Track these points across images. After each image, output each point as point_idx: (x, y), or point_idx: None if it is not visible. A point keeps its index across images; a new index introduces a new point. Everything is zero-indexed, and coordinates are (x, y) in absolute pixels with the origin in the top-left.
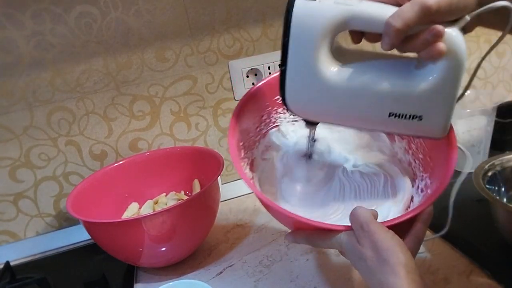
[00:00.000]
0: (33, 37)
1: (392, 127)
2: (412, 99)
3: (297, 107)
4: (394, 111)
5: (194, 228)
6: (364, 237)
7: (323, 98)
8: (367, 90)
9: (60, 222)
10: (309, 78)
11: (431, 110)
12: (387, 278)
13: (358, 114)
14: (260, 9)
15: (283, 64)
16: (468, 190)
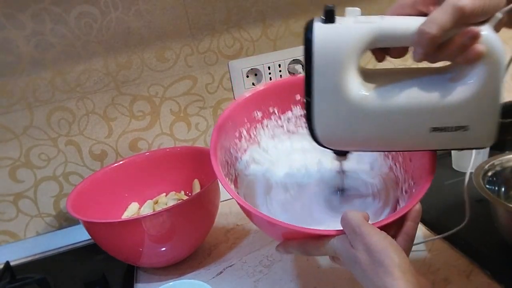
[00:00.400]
0: (33, 37)
1: (435, 143)
2: (453, 110)
3: (329, 139)
4: (436, 126)
5: (194, 228)
6: (357, 240)
7: (357, 125)
8: (405, 109)
9: (60, 222)
10: (339, 106)
11: (476, 119)
12: (382, 280)
13: (398, 135)
14: (260, 9)
15: (308, 95)
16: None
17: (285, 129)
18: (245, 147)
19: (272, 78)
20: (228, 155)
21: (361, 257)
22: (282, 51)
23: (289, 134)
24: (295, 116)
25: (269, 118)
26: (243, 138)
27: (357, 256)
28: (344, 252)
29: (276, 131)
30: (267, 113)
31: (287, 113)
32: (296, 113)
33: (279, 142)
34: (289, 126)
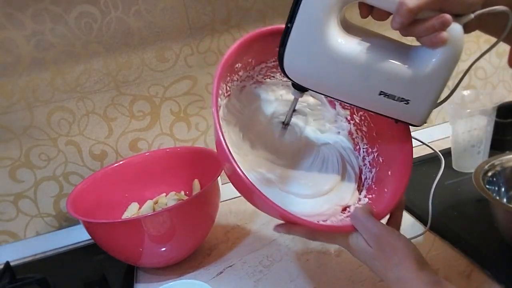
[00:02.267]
0: (33, 37)
1: (378, 107)
2: (404, 82)
3: (293, 68)
4: (385, 91)
5: (194, 228)
6: (373, 240)
7: (322, 64)
8: (366, 64)
9: (60, 222)
10: (313, 41)
11: (419, 96)
12: (403, 274)
13: (352, 87)
14: (260, 9)
15: (290, 21)
16: (468, 190)
17: (254, 79)
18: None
19: None
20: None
21: (379, 256)
22: None
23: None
24: (268, 67)
25: (245, 69)
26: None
27: (375, 254)
28: (360, 249)
29: (246, 82)
30: (245, 63)
31: (261, 64)
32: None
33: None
34: (258, 76)
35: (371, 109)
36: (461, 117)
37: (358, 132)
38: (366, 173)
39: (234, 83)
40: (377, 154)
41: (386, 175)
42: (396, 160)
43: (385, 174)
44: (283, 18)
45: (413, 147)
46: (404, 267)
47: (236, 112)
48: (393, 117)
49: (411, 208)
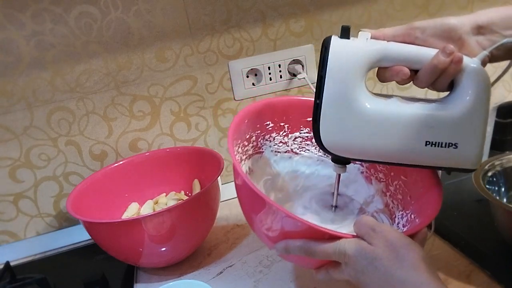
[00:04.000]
0: (33, 37)
1: (428, 158)
2: (447, 125)
3: (331, 142)
4: (430, 139)
5: (194, 228)
6: (377, 238)
7: (360, 131)
8: (404, 120)
9: (60, 222)
10: (345, 112)
11: (465, 137)
12: (408, 273)
13: (396, 146)
14: (260, 9)
15: (318, 97)
16: (468, 190)
17: (289, 148)
18: (250, 153)
19: (272, 78)
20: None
21: (382, 254)
22: (282, 51)
23: (291, 154)
24: (302, 138)
25: (277, 132)
26: (251, 143)
27: (377, 252)
28: (358, 252)
29: (281, 147)
30: (278, 127)
31: (295, 133)
32: (303, 135)
33: (281, 159)
34: (293, 146)
35: (422, 163)
36: None
37: (394, 202)
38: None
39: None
40: (411, 214)
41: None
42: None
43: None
44: (283, 18)
45: None
46: (413, 268)
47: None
48: (447, 167)
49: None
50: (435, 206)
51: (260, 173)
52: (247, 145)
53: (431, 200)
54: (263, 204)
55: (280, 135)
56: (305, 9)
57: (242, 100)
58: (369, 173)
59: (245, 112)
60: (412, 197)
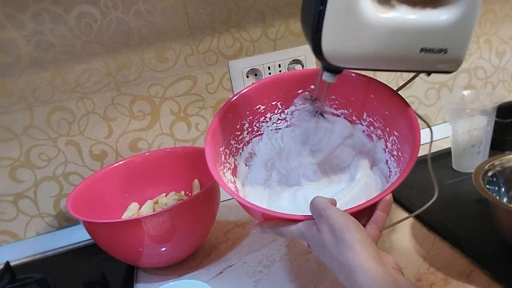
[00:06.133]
0: (33, 37)
1: (418, 64)
2: (441, 32)
3: (333, 51)
4: (426, 46)
5: (194, 228)
6: (322, 223)
7: (362, 39)
8: (406, 28)
9: (60, 222)
10: (350, 18)
11: (455, 42)
12: (345, 256)
13: (393, 52)
14: (260, 9)
15: (321, 3)
16: (468, 190)
17: (289, 122)
18: (247, 139)
19: None
20: (227, 145)
21: (326, 239)
22: (282, 51)
23: (293, 127)
24: (299, 110)
25: (272, 112)
26: (245, 130)
27: (323, 238)
28: (311, 236)
29: (280, 124)
30: (270, 106)
31: (291, 107)
32: (299, 107)
33: (283, 134)
34: (293, 119)
35: (411, 68)
36: (461, 117)
37: (391, 158)
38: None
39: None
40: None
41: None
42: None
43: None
44: (283, 18)
45: None
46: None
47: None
48: (432, 70)
49: (411, 209)
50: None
51: (262, 153)
52: (240, 134)
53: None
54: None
55: (276, 113)
56: None
57: None
58: (369, 131)
59: (225, 108)
60: (402, 153)
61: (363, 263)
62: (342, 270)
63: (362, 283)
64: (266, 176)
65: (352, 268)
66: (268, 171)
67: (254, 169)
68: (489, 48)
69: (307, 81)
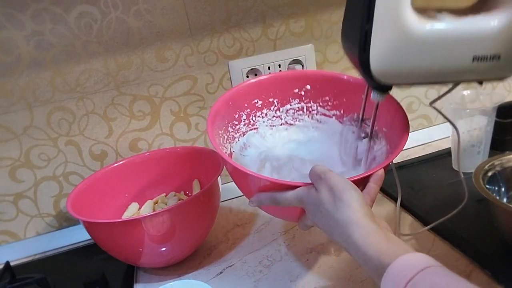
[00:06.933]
0: (33, 37)
1: (472, 73)
2: (492, 38)
3: (382, 69)
4: (477, 54)
5: (194, 228)
6: (321, 184)
7: (411, 54)
8: (453, 38)
9: (60, 222)
10: (397, 35)
11: (507, 47)
12: (342, 212)
13: (444, 64)
14: (260, 9)
15: (367, 22)
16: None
17: (283, 121)
18: (244, 130)
19: None
20: (225, 131)
21: (324, 198)
22: (282, 51)
23: (287, 125)
24: (293, 109)
25: (268, 108)
26: (242, 121)
27: (321, 198)
28: (309, 198)
29: (275, 121)
30: (267, 103)
31: (286, 106)
32: (294, 106)
33: (277, 132)
34: (287, 118)
35: (465, 78)
36: (461, 117)
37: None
38: None
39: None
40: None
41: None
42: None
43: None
44: (283, 18)
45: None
46: (346, 207)
47: None
48: (485, 78)
49: (410, 208)
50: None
51: (257, 146)
52: (237, 124)
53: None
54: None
55: (272, 110)
56: (305, 9)
57: None
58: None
59: (226, 96)
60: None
61: (358, 219)
62: (337, 226)
63: (356, 236)
64: (259, 166)
65: (348, 224)
66: (262, 162)
67: (248, 159)
68: None
69: (304, 81)
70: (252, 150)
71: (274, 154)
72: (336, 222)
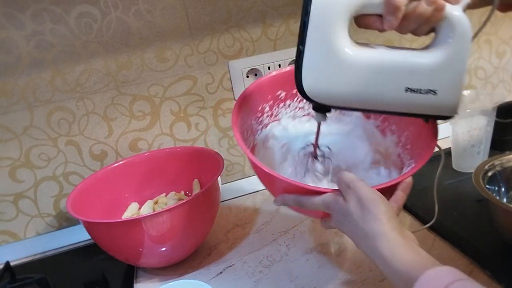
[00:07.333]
0: (33, 37)
1: (407, 105)
2: (427, 72)
3: (313, 89)
4: (411, 86)
5: (194, 228)
6: (350, 193)
7: (342, 78)
8: (386, 66)
9: (60, 222)
10: (328, 57)
11: (445, 83)
12: (370, 225)
13: (377, 92)
14: (260, 9)
15: (301, 43)
16: (468, 190)
17: (306, 112)
18: (266, 122)
19: None
20: (249, 124)
21: (352, 209)
22: (282, 51)
23: (309, 117)
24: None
25: (292, 99)
26: (265, 113)
27: (349, 207)
28: (336, 206)
29: (298, 113)
30: (291, 94)
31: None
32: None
33: (299, 123)
34: (310, 109)
35: (400, 110)
36: (461, 117)
37: (405, 152)
38: None
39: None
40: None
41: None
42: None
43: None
44: (283, 18)
45: None
46: (374, 220)
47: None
48: (426, 114)
49: (409, 207)
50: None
51: (279, 138)
52: (260, 116)
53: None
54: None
55: (295, 101)
56: None
57: None
58: (384, 125)
59: (251, 88)
60: (417, 147)
61: (387, 233)
62: (365, 237)
63: (384, 249)
64: (281, 159)
65: (376, 237)
66: (283, 154)
67: (270, 152)
68: (489, 48)
69: None
70: (275, 142)
71: (296, 147)
72: (364, 234)
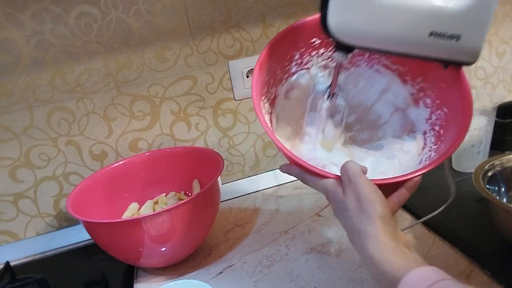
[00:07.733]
0: (33, 37)
1: (430, 49)
2: (454, 16)
3: (339, 26)
4: (436, 30)
5: (194, 228)
6: (350, 188)
7: (369, 16)
8: (413, 8)
9: (60, 222)
10: None
11: (468, 30)
12: (364, 226)
13: (401, 33)
14: (260, 9)
15: None
16: (468, 190)
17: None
18: (293, 71)
19: None
20: (272, 74)
21: (349, 204)
22: None
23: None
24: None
25: (326, 48)
26: (293, 61)
27: (346, 203)
28: (335, 196)
29: (329, 62)
30: (326, 42)
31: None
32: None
33: (329, 75)
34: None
35: (421, 53)
36: None
37: (431, 132)
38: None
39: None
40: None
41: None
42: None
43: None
44: (283, 18)
45: None
46: (369, 222)
47: None
48: (445, 59)
49: (409, 207)
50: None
51: (304, 89)
52: (288, 64)
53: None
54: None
55: (329, 50)
56: (305, 9)
57: (242, 100)
58: (419, 95)
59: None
60: (444, 132)
61: (379, 235)
62: (357, 236)
63: (373, 251)
64: (300, 114)
65: (368, 237)
66: (303, 108)
67: (291, 104)
68: (489, 48)
69: None
70: (298, 92)
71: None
72: (357, 232)
